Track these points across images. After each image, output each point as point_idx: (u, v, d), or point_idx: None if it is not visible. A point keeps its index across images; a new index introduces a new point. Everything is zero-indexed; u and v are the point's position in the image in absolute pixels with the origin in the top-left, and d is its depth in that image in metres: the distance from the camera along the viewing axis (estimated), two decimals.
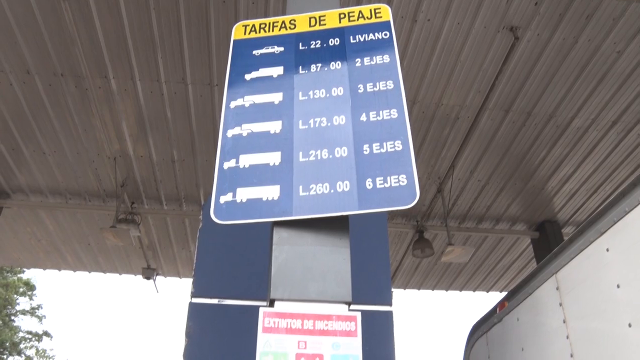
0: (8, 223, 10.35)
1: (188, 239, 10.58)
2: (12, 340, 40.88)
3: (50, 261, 11.84)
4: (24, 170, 9.12)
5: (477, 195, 9.57)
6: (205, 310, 3.54)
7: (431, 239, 10.14)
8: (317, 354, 2.17)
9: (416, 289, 12.45)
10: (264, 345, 2.14)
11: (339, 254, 2.42)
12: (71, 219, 10.25)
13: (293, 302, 2.26)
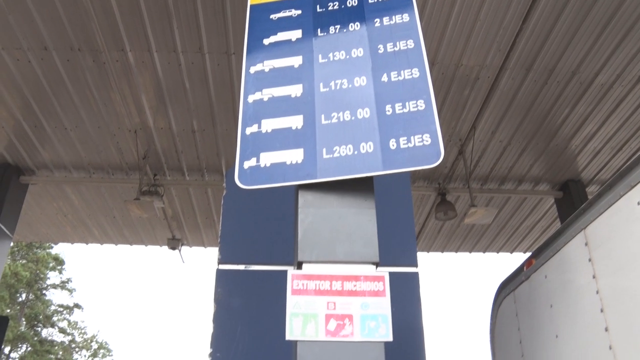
0: (35, 199, 10.51)
1: (211, 208, 10.66)
2: (45, 313, 42.02)
3: (77, 235, 12.04)
4: (47, 147, 9.22)
5: (499, 156, 9.48)
6: (233, 276, 3.58)
7: (453, 201, 10.10)
8: (347, 315, 2.18)
9: (440, 251, 12.46)
10: (293, 306, 2.16)
11: (364, 215, 2.42)
12: (95, 193, 10.38)
13: (321, 264, 2.27)
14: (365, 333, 2.16)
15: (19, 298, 39.30)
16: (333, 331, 2.14)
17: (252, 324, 3.41)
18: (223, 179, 9.59)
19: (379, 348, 2.17)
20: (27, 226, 11.54)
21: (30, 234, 12.38)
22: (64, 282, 42.64)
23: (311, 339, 2.12)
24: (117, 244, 12.32)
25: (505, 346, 3.65)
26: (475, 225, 11.20)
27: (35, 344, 41.35)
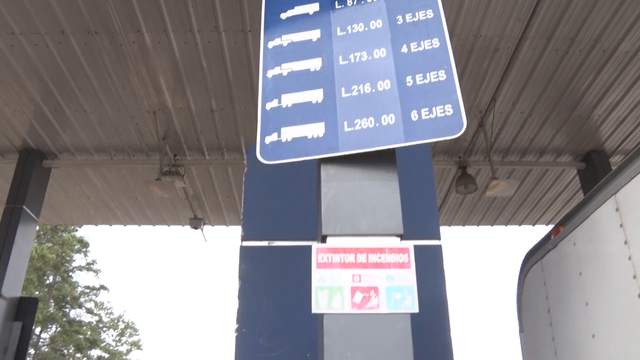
0: (58, 183, 10.65)
1: (232, 187, 10.70)
2: (72, 295, 42.87)
3: (100, 217, 12.20)
4: (68, 130, 9.30)
5: (520, 128, 9.37)
6: (257, 252, 3.60)
7: (474, 174, 10.03)
8: (372, 287, 2.19)
9: (461, 225, 12.41)
10: (318, 280, 2.17)
11: (387, 187, 2.41)
12: (117, 175, 10.48)
13: (345, 237, 2.27)
14: (391, 305, 2.16)
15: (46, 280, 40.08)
16: (359, 304, 2.15)
17: (277, 299, 3.43)
18: (243, 158, 9.64)
19: (405, 320, 2.18)
20: (51, 209, 11.70)
21: (54, 217, 12.57)
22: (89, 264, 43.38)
23: (337, 312, 2.13)
24: (140, 224, 12.45)
25: (533, 315, 3.63)
26: (496, 199, 11.12)
27: (64, 324, 42.27)
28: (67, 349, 44.90)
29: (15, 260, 9.17)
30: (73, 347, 44.98)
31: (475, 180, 9.76)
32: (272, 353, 3.27)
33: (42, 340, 40.77)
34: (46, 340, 42.06)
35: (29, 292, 34.80)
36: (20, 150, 9.80)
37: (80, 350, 45.89)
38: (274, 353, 3.26)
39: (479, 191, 10.30)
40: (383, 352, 2.12)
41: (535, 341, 3.60)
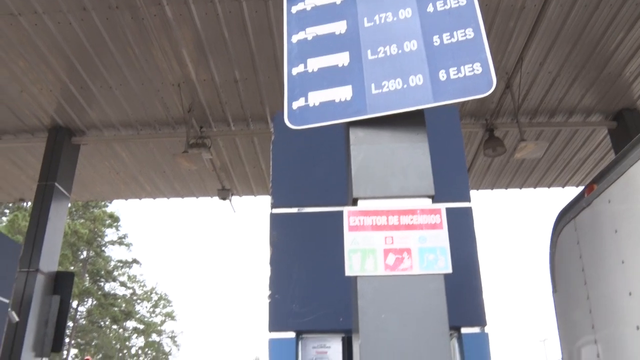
0: (87, 159, 10.79)
1: (258, 157, 10.74)
2: (106, 269, 43.91)
3: (130, 191, 12.37)
4: (94, 107, 9.39)
5: (548, 88, 9.18)
6: (287, 219, 3.62)
7: (502, 136, 9.90)
8: (405, 248, 2.18)
9: (489, 188, 12.30)
10: (351, 243, 2.17)
11: (417, 148, 2.39)
12: (144, 149, 10.58)
13: (376, 200, 2.26)
14: (424, 266, 2.16)
15: (80, 255, 41.03)
16: (392, 265, 2.15)
17: (308, 264, 3.46)
18: (268, 127, 9.64)
19: (439, 280, 2.18)
20: (82, 186, 11.89)
21: (85, 193, 12.79)
22: (121, 238, 44.27)
23: (370, 274, 2.13)
24: (169, 197, 12.60)
25: (567, 275, 3.59)
26: (525, 161, 10.97)
27: (99, 297, 43.39)
28: (103, 321, 46.17)
29: (50, 236, 9.38)
30: (109, 319, 46.23)
31: (503, 142, 9.63)
32: (305, 318, 3.31)
33: (79, 313, 41.93)
34: (83, 313, 43.27)
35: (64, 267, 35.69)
36: (49, 128, 9.95)
37: (116, 322, 47.17)
38: (307, 318, 3.30)
39: (507, 153, 10.17)
40: (417, 313, 2.13)
41: (569, 301, 3.57)
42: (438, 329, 2.11)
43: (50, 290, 9.29)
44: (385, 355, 2.07)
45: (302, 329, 3.32)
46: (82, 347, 42.23)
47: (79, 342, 42.79)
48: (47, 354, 9.06)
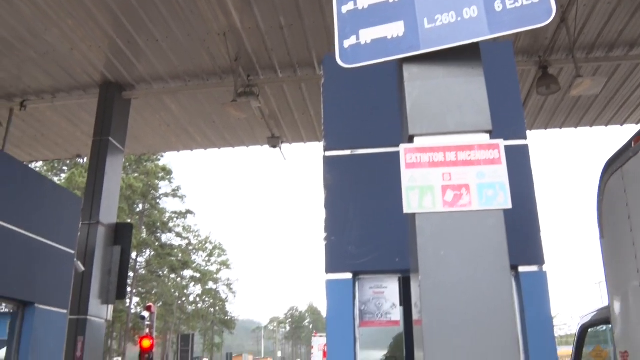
0: (138, 113, 10.99)
1: (307, 103, 10.70)
2: (162, 221, 45.25)
3: (181, 143, 12.58)
4: (142, 60, 9.48)
5: (607, 20, 8.72)
6: (340, 161, 3.62)
7: (556, 74, 9.54)
8: (463, 184, 2.15)
9: (543, 128, 11.96)
10: (408, 180, 2.15)
11: (473, 83, 2.32)
12: (193, 100, 10.68)
13: (432, 136, 2.22)
14: (483, 202, 2.13)
15: (136, 208, 42.34)
16: (450, 202, 2.13)
17: (363, 205, 3.46)
18: (315, 73, 9.56)
19: (498, 216, 2.14)
20: (134, 140, 12.15)
21: (138, 146, 13.08)
22: (175, 191, 45.40)
23: (429, 211, 2.11)
24: (220, 147, 12.76)
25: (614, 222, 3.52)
26: (581, 98, 10.58)
27: (157, 248, 44.94)
28: (162, 271, 47.95)
29: (108, 190, 9.69)
30: (167, 269, 47.97)
31: (558, 80, 9.29)
32: (362, 259, 3.34)
33: (138, 263, 43.59)
34: (142, 264, 44.98)
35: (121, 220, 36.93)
36: (100, 84, 10.13)
37: (174, 271, 48.94)
38: (364, 259, 3.33)
39: (562, 91, 9.82)
40: (477, 249, 2.11)
41: (615, 247, 3.50)
42: (499, 265, 2.09)
43: (111, 241, 9.66)
44: (445, 292, 2.07)
45: (359, 269, 3.36)
46: (143, 296, 44.08)
47: (140, 291, 44.67)
48: (112, 301, 9.50)
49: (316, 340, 24.83)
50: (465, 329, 2.05)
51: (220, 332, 65.83)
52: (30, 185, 6.96)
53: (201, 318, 58.42)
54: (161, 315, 45.83)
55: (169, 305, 49.03)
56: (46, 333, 6.96)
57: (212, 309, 61.01)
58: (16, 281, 6.46)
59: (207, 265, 57.05)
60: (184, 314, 53.56)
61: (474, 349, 2.03)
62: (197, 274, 54.24)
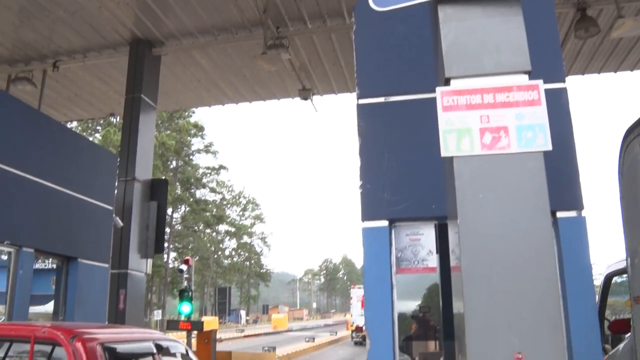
0: (169, 69, 10.99)
1: (337, 54, 10.54)
2: (195, 177, 45.83)
3: (212, 98, 12.59)
4: (170, 16, 9.42)
5: None
6: (374, 109, 3.58)
7: (595, 15, 9.17)
8: (502, 127, 2.11)
9: (580, 74, 11.60)
10: (445, 123, 2.12)
11: (511, 23, 2.25)
12: (223, 54, 10.63)
13: (469, 78, 2.18)
14: (522, 144, 2.09)
15: (170, 165, 42.88)
16: (489, 144, 2.10)
17: (398, 153, 3.43)
18: (345, 23, 9.38)
19: (538, 158, 2.11)
20: (166, 96, 12.20)
21: (170, 103, 13.15)
22: (207, 147, 45.74)
23: (467, 154, 2.09)
24: (251, 101, 12.74)
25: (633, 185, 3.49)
26: (622, 40, 10.17)
27: (191, 204, 45.68)
28: (197, 226, 48.85)
29: (142, 146, 9.80)
30: (202, 224, 48.85)
31: (597, 21, 8.94)
32: (397, 206, 3.33)
33: (174, 219, 44.41)
34: (178, 220, 45.82)
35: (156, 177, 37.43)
36: (129, 42, 10.14)
37: (209, 226, 49.83)
38: (400, 206, 3.33)
39: (601, 34, 9.45)
40: (516, 192, 2.08)
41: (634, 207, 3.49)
42: (539, 208, 2.07)
43: (147, 197, 9.84)
44: (484, 236, 2.06)
45: (395, 217, 3.36)
46: (180, 251, 45.06)
47: (176, 246, 45.67)
48: (150, 255, 9.73)
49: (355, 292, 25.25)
50: (505, 273, 2.04)
51: (256, 285, 67.27)
52: (67, 144, 7.09)
53: (237, 271, 59.70)
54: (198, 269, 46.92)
55: (206, 260, 50.15)
56: (90, 286, 7.19)
57: (248, 262, 62.23)
58: (60, 237, 6.65)
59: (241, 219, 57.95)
60: (220, 268, 54.79)
61: (513, 294, 2.02)
62: (231, 229, 55.17)
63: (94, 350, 3.01)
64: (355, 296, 24.75)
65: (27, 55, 10.57)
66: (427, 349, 4.45)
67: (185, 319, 9.95)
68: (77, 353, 2.92)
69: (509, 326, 1.98)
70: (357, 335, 23.21)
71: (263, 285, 69.26)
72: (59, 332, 3.04)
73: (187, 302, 9.70)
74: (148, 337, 3.94)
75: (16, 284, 5.93)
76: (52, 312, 7.00)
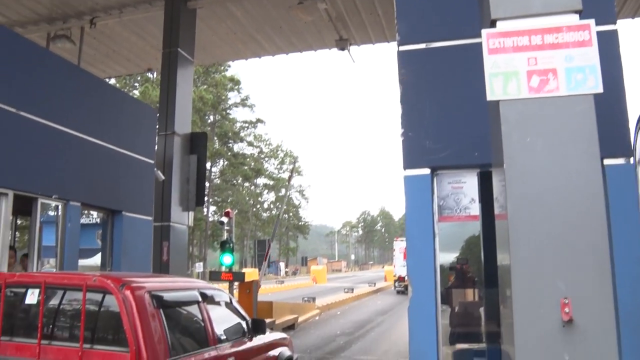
0: (204, 23, 10.94)
1: (374, 2, 10.28)
2: (233, 130, 46.14)
3: (249, 50, 12.52)
4: None
5: None
6: (415, 56, 3.50)
7: None
8: (550, 69, 2.05)
9: (630, 17, 11.09)
10: (491, 66, 2.07)
11: None
12: (258, 6, 10.50)
13: (516, 20, 2.10)
14: (571, 86, 2.02)
15: (207, 120, 43.20)
16: (536, 87, 2.04)
17: (440, 100, 3.37)
18: None
19: (588, 101, 2.04)
20: (203, 50, 12.18)
21: (207, 56, 13.15)
22: (244, 100, 45.85)
23: (514, 98, 2.04)
24: (288, 52, 12.61)
25: None
26: None
27: (229, 158, 46.16)
28: (235, 180, 49.42)
29: (180, 100, 9.87)
30: (241, 178, 49.39)
31: None
32: (439, 154, 3.29)
33: (213, 173, 45.01)
34: (216, 174, 46.43)
35: None
36: None
37: (247, 179, 50.37)
38: (442, 154, 3.28)
39: None
40: (565, 137, 2.03)
41: None
42: (589, 153, 2.02)
43: (187, 150, 9.96)
44: (531, 181, 2.02)
45: (437, 164, 3.32)
46: (220, 205, 45.78)
47: (216, 200, 46.40)
48: (192, 207, 9.91)
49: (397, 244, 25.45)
50: (553, 219, 2.01)
51: (295, 237, 68.17)
52: (109, 100, 7.17)
53: None
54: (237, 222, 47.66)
55: (244, 213, 50.85)
56: (134, 239, 7.39)
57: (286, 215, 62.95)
58: (105, 191, 6.81)
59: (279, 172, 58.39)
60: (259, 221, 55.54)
61: (561, 240, 1.99)
62: (270, 182, 55.66)
63: (142, 298, 3.12)
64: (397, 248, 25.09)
65: (65, 13, 10.64)
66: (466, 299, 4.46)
67: (227, 270, 10.20)
68: (126, 300, 3.03)
69: (556, 272, 1.96)
70: (399, 284, 23.76)
71: (301, 238, 70.15)
72: (109, 280, 3.15)
73: (228, 254, 9.91)
74: (193, 286, 4.06)
75: (65, 237, 6.14)
76: (100, 264, 7.23)
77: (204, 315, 3.71)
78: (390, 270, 34.14)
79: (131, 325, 2.96)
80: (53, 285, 3.34)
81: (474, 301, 4.38)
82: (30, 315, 3.33)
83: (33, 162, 5.63)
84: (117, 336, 3.09)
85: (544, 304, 1.95)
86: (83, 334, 3.04)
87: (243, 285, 10.34)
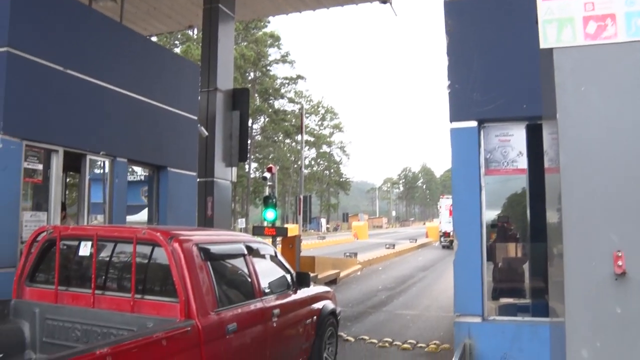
0: None
1: None
2: (273, 87, 46.10)
3: (289, 5, 12.33)
4: None
5: None
6: (462, 6, 3.39)
7: None
8: (608, 14, 1.95)
9: None
10: (545, 12, 1.98)
11: None
12: None
13: None
14: (632, 32, 1.93)
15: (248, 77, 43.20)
16: (593, 34, 1.95)
17: (488, 51, 3.28)
18: None
19: None
20: (243, 5, 12.05)
21: (248, 11, 13.02)
22: (284, 57, 45.63)
23: (568, 45, 1.96)
24: (328, 6, 12.39)
25: None
26: None
27: (270, 114, 46.27)
28: (276, 136, 49.62)
29: (222, 56, 9.86)
30: (282, 134, 49.55)
31: None
32: (487, 106, 3.22)
33: (254, 130, 45.26)
34: (258, 130, 46.67)
35: None
36: None
37: (289, 136, 50.49)
38: (489, 106, 3.21)
39: None
40: (623, 85, 1.95)
41: None
42: None
43: (229, 106, 9.99)
44: (586, 132, 1.96)
45: (484, 117, 3.25)
46: (261, 161, 46.16)
47: (257, 157, 46.79)
48: (235, 163, 10.00)
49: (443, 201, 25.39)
50: (606, 171, 1.95)
51: (336, 194, 68.43)
52: (152, 57, 7.21)
53: (317, 180, 60.73)
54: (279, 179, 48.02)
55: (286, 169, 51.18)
56: (180, 194, 7.52)
57: (327, 171, 63.07)
58: (150, 147, 6.92)
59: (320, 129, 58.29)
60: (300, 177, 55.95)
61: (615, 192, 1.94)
62: (311, 138, 55.72)
63: (190, 250, 3.19)
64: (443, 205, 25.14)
65: None
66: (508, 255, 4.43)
67: (270, 225, 10.33)
68: (175, 252, 3.10)
69: (609, 224, 1.91)
70: (444, 240, 24.05)
71: (343, 194, 70.38)
72: (158, 233, 3.23)
73: (271, 209, 10.01)
74: (239, 239, 4.13)
75: (113, 193, 6.29)
76: (147, 219, 7.40)
77: (249, 268, 3.78)
78: (431, 227, 34.09)
79: (180, 277, 3.04)
80: (105, 237, 3.44)
81: (517, 257, 4.35)
82: (83, 266, 3.45)
83: (81, 119, 5.74)
84: (166, 287, 3.19)
85: (596, 258, 1.91)
86: (134, 284, 3.13)
87: (286, 240, 10.47)
